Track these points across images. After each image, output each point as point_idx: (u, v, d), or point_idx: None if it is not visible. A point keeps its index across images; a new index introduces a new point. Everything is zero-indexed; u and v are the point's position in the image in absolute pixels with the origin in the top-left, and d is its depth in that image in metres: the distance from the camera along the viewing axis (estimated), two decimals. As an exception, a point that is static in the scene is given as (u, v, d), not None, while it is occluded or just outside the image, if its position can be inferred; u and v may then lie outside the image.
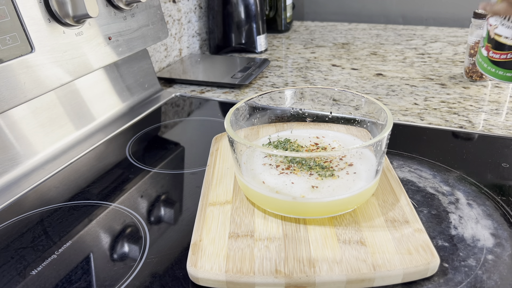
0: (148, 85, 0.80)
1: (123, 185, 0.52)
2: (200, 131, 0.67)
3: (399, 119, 0.66)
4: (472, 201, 0.45)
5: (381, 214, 0.41)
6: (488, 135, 0.59)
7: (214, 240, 0.38)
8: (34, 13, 0.52)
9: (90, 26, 0.61)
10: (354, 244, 0.37)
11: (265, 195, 0.40)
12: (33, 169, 0.56)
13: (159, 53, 0.92)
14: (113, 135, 0.65)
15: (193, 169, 0.54)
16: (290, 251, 0.37)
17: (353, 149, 0.43)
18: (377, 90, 0.78)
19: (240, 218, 0.41)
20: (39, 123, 0.59)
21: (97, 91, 0.69)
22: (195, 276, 0.36)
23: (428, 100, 0.72)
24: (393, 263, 0.35)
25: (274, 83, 0.84)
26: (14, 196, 0.50)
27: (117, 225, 0.44)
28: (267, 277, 0.34)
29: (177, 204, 0.48)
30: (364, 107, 0.48)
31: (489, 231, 0.40)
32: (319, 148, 0.48)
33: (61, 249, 0.41)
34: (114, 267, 0.39)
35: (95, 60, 0.62)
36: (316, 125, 0.53)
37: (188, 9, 1.01)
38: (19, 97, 0.51)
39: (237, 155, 0.43)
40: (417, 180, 0.49)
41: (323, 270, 0.35)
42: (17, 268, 0.39)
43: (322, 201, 0.39)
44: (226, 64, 0.94)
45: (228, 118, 0.44)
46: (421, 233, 0.38)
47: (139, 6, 0.70)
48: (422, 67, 0.89)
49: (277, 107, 0.52)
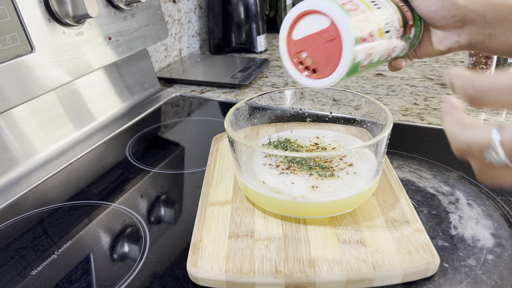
0: (148, 85, 0.80)
1: (123, 185, 0.52)
2: (200, 131, 0.67)
3: (399, 119, 0.66)
4: (472, 201, 0.45)
5: (381, 214, 0.41)
6: (488, 135, 0.59)
7: (214, 240, 0.38)
8: (34, 13, 0.52)
9: (90, 26, 0.61)
10: (354, 244, 0.37)
11: (265, 195, 0.40)
12: (33, 169, 0.56)
13: (159, 53, 0.92)
14: (113, 135, 0.65)
15: (193, 169, 0.54)
16: (290, 251, 0.37)
17: (353, 149, 0.43)
18: (377, 90, 0.78)
19: (240, 218, 0.41)
20: (39, 123, 0.59)
21: (97, 91, 0.69)
22: (195, 276, 0.36)
23: (428, 100, 0.72)
24: (393, 263, 0.35)
25: (274, 83, 0.84)
26: (14, 196, 0.50)
27: (117, 225, 0.44)
28: (267, 277, 0.34)
29: (177, 204, 0.48)
30: (364, 107, 0.48)
31: (489, 231, 0.40)
32: (319, 148, 0.48)
33: (61, 249, 0.41)
34: (114, 267, 0.39)
35: (95, 60, 0.62)
36: (316, 125, 0.53)
37: (188, 9, 1.01)
38: (19, 97, 0.51)
39: (237, 155, 0.43)
40: (417, 180, 0.49)
41: (323, 270, 0.35)
42: (17, 268, 0.39)
43: (322, 201, 0.39)
44: (226, 64, 0.94)
45: (228, 118, 0.44)
46: (421, 233, 0.38)
47: (139, 6, 0.70)
48: (422, 67, 0.89)
49: (277, 107, 0.52)
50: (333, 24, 0.36)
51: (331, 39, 0.37)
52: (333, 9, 0.36)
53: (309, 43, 0.39)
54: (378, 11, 0.39)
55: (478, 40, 0.41)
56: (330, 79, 0.39)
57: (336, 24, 0.36)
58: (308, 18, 0.38)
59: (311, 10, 0.37)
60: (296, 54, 0.40)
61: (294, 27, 0.39)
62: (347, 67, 0.37)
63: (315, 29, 0.38)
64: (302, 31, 0.39)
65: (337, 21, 0.36)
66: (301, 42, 0.39)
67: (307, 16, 0.38)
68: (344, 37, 0.36)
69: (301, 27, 0.39)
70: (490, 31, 0.40)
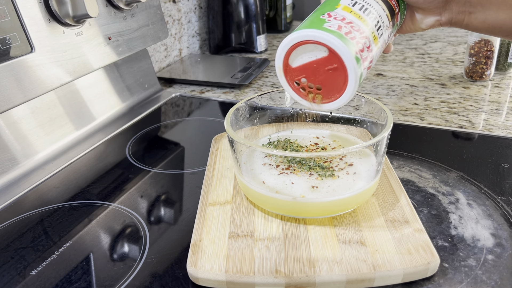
0: (148, 85, 0.80)
1: (123, 185, 0.52)
2: (200, 131, 0.67)
3: (399, 119, 0.66)
4: (472, 201, 0.45)
5: (381, 214, 0.41)
6: (488, 135, 0.59)
7: (214, 240, 0.38)
8: (34, 13, 0.52)
9: (90, 26, 0.61)
10: (354, 244, 0.37)
11: (265, 195, 0.40)
12: (33, 169, 0.56)
13: (159, 53, 0.92)
14: (113, 135, 0.65)
15: (193, 169, 0.54)
16: (290, 251, 0.37)
17: (353, 149, 0.43)
18: (377, 90, 0.78)
19: (240, 218, 0.41)
20: (39, 123, 0.59)
21: (97, 91, 0.69)
22: (195, 276, 0.36)
23: (428, 100, 0.72)
24: (393, 263, 0.35)
25: (274, 83, 0.84)
26: (14, 196, 0.50)
27: (117, 225, 0.44)
28: (267, 277, 0.34)
29: (177, 204, 0.48)
30: (364, 107, 0.48)
31: (489, 231, 0.40)
32: (319, 148, 0.48)
33: (61, 249, 0.41)
34: (114, 267, 0.39)
35: (95, 60, 0.62)
36: (316, 125, 0.53)
37: (188, 9, 1.01)
38: (19, 97, 0.51)
39: (237, 155, 0.43)
40: (417, 180, 0.49)
41: (323, 270, 0.35)
42: (17, 268, 0.39)
43: (322, 201, 0.39)
44: (226, 64, 0.94)
45: (228, 118, 0.44)
46: (421, 233, 0.38)
47: (139, 6, 0.70)
48: (422, 67, 0.89)
49: (277, 107, 0.52)
50: (333, 53, 0.36)
51: (333, 68, 0.37)
52: (332, 41, 0.35)
53: (309, 70, 0.38)
54: (368, 17, 0.38)
55: (458, 18, 0.42)
56: (340, 102, 0.39)
57: (337, 54, 0.35)
58: (304, 46, 0.37)
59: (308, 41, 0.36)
60: (295, 80, 0.40)
61: (290, 54, 0.38)
62: (355, 87, 0.37)
63: (314, 57, 0.37)
64: (300, 58, 0.38)
65: (338, 51, 0.35)
66: (300, 69, 0.38)
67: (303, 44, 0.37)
68: (348, 65, 0.36)
69: (298, 55, 0.38)
70: (471, 10, 0.41)
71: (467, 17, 0.42)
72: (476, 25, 0.42)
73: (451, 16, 0.42)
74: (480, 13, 0.41)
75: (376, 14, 0.39)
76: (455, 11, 0.42)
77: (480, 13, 0.41)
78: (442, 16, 0.43)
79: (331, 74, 0.37)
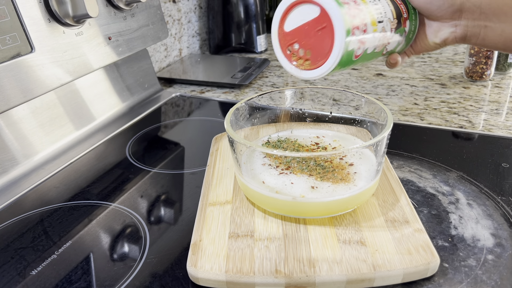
0: (148, 85, 0.80)
1: (123, 185, 0.52)
2: (200, 131, 0.67)
3: (399, 119, 0.66)
4: (472, 201, 0.45)
5: (381, 214, 0.41)
6: (488, 135, 0.59)
7: (214, 240, 0.38)
8: (34, 13, 0.52)
9: (90, 26, 0.61)
10: (354, 244, 0.37)
11: (265, 195, 0.40)
12: (33, 169, 0.56)
13: (159, 53, 0.92)
14: (113, 135, 0.65)
15: (193, 169, 0.54)
16: (290, 251, 0.37)
17: (353, 149, 0.43)
18: (377, 90, 0.78)
19: (240, 218, 0.41)
20: (39, 123, 0.59)
21: (97, 91, 0.69)
22: (195, 276, 0.36)
23: (428, 100, 0.72)
24: (393, 263, 0.35)
25: (274, 83, 0.84)
26: (14, 196, 0.50)
27: (117, 225, 0.44)
28: (267, 277, 0.34)
29: (177, 204, 0.48)
30: (364, 107, 0.48)
31: (489, 231, 0.40)
32: (319, 148, 0.48)
33: (61, 249, 0.41)
34: (114, 267, 0.39)
35: (95, 60, 0.62)
36: (316, 125, 0.53)
37: (188, 9, 1.01)
38: (19, 97, 0.51)
39: (237, 155, 0.43)
40: (417, 180, 0.49)
41: (323, 270, 0.35)
42: (17, 268, 0.39)
43: (322, 201, 0.39)
44: (226, 64, 0.94)
45: (228, 118, 0.44)
46: (421, 233, 0.38)
47: (139, 6, 0.70)
48: (422, 67, 0.89)
49: (277, 107, 0.52)
50: (324, 12, 0.35)
51: (322, 28, 0.36)
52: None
53: (301, 34, 0.38)
54: (371, 3, 0.38)
55: (473, 32, 0.41)
56: (322, 69, 0.38)
57: (326, 10, 0.35)
58: (299, 9, 0.37)
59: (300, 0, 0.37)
60: (288, 46, 0.39)
61: (285, 18, 0.38)
62: (340, 55, 0.36)
63: (306, 19, 0.37)
64: (293, 22, 0.38)
65: (327, 7, 0.35)
66: (293, 34, 0.38)
67: (297, 7, 0.37)
68: (335, 23, 0.35)
69: (292, 18, 0.38)
70: (486, 23, 0.40)
71: (483, 30, 0.41)
72: (493, 39, 0.41)
73: (466, 29, 0.41)
74: (496, 26, 0.40)
75: (379, 4, 0.39)
76: (470, 24, 0.41)
77: (496, 26, 0.40)
78: (456, 28, 0.42)
79: (320, 35, 0.37)
